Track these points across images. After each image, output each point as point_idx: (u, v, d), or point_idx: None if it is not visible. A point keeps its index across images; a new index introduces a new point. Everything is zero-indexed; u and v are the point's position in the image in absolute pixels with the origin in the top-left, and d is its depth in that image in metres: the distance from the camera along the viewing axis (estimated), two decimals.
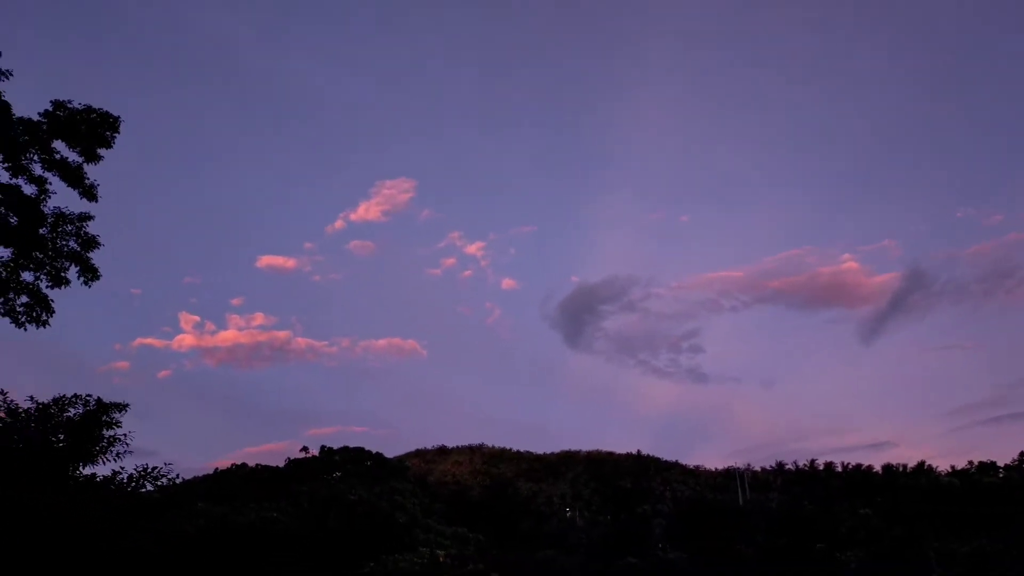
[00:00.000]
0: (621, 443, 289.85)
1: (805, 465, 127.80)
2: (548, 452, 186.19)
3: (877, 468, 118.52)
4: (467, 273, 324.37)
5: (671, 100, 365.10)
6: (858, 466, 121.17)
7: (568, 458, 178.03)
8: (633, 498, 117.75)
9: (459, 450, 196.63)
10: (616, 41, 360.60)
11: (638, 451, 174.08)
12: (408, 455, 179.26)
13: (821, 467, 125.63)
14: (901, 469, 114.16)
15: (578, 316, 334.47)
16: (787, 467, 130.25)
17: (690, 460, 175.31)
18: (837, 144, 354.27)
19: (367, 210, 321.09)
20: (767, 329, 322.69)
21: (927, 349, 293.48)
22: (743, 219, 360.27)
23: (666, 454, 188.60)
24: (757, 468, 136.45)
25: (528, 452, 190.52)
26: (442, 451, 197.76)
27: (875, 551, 75.47)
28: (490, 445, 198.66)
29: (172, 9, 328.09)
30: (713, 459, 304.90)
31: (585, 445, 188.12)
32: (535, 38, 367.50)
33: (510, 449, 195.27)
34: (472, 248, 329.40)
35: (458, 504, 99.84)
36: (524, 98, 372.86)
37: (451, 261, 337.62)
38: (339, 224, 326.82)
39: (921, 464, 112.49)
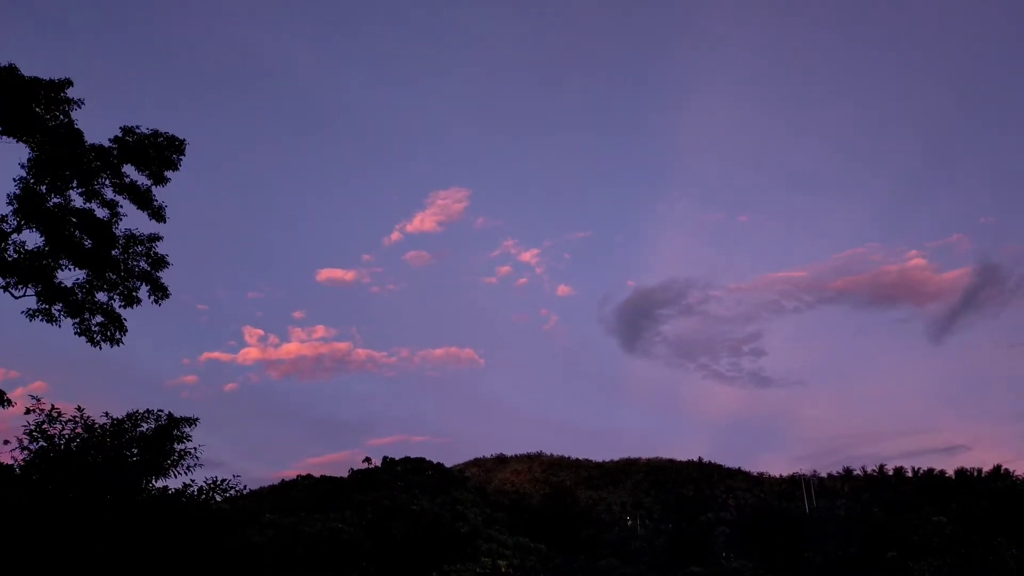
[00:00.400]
0: (682, 450, 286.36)
1: (874, 470, 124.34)
2: (607, 460, 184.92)
3: (950, 473, 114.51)
4: (522, 280, 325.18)
5: (726, 99, 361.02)
6: (930, 471, 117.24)
7: (628, 466, 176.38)
8: (695, 506, 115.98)
9: (517, 458, 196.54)
10: (669, 42, 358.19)
11: (699, 458, 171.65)
12: (467, 464, 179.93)
13: (891, 472, 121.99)
14: (976, 474, 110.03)
15: (635, 321, 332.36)
16: (855, 473, 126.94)
17: (754, 467, 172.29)
18: (898, 138, 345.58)
19: (422, 221, 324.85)
20: (832, 330, 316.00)
21: (1002, 347, 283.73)
22: (804, 218, 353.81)
23: (729, 461, 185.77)
24: (823, 474, 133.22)
25: (587, 460, 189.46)
26: (500, 460, 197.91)
27: (950, 560, 72.88)
28: (548, 453, 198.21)
29: (225, 31, 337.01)
30: (777, 465, 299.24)
31: (645, 452, 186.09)
32: (586, 42, 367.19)
33: (569, 457, 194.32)
34: (527, 255, 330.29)
35: (518, 513, 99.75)
36: (576, 103, 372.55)
37: (506, 269, 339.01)
38: (395, 236, 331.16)
39: (997, 468, 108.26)
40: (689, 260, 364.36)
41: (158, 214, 27.73)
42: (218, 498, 27.56)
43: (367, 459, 76.56)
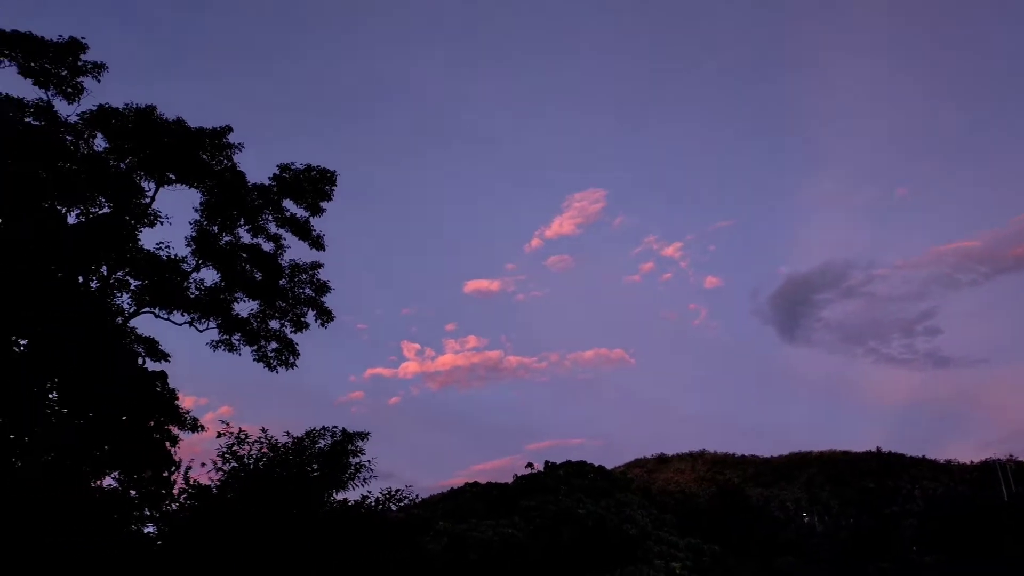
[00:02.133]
0: (857, 440, 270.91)
1: None
2: (775, 455, 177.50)
3: None
4: (667, 276, 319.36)
5: (868, 66, 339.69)
6: None
7: (799, 460, 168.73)
8: (877, 499, 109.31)
9: (679, 457, 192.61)
10: (805, 10, 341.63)
11: (878, 448, 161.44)
12: (628, 465, 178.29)
13: None
14: None
15: (792, 308, 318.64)
16: None
17: (939, 454, 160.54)
18: None
19: (561, 225, 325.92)
20: (1015, 302, 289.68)
21: None
22: (970, 183, 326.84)
23: (910, 449, 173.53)
24: (1021, 458, 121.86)
25: (753, 456, 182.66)
26: (662, 459, 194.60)
27: None
28: (712, 451, 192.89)
29: (360, 59, 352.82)
30: (966, 451, 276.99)
31: (816, 445, 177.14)
32: (715, 26, 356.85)
33: (734, 454, 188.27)
34: (669, 250, 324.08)
35: (684, 513, 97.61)
36: (708, 89, 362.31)
37: (649, 266, 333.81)
38: (536, 242, 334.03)
39: None
40: (846, 240, 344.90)
41: (317, 243, 29.50)
42: (393, 508, 28.70)
43: (529, 464, 77.63)
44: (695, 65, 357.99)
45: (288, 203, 29.00)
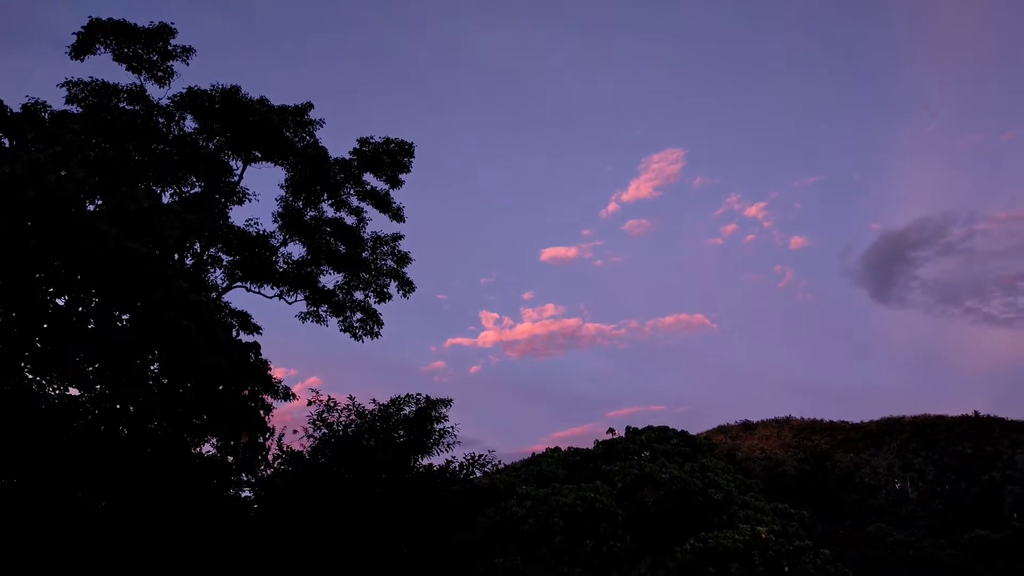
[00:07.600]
0: (953, 405, 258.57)
1: None
2: (866, 420, 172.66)
3: None
4: (750, 237, 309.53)
5: None
6: None
7: (890, 425, 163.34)
8: (974, 465, 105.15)
9: (764, 424, 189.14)
10: None
11: (975, 412, 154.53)
12: (711, 431, 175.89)
13: None
14: None
15: (885, 268, 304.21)
16: None
17: None
18: None
19: (638, 188, 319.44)
20: None
21: None
22: None
23: (1013, 413, 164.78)
24: None
25: (843, 421, 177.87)
26: (746, 426, 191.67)
27: None
28: (798, 417, 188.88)
29: (423, 28, 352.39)
30: None
31: (909, 410, 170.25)
32: None
33: (821, 420, 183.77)
34: (752, 210, 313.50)
35: (771, 480, 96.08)
36: (789, 35, 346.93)
37: (731, 227, 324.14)
38: (612, 207, 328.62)
39: None
40: (945, 192, 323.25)
41: (397, 215, 30.10)
42: (477, 473, 29.37)
43: (611, 430, 77.26)
44: (773, 8, 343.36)
45: (368, 176, 29.64)
